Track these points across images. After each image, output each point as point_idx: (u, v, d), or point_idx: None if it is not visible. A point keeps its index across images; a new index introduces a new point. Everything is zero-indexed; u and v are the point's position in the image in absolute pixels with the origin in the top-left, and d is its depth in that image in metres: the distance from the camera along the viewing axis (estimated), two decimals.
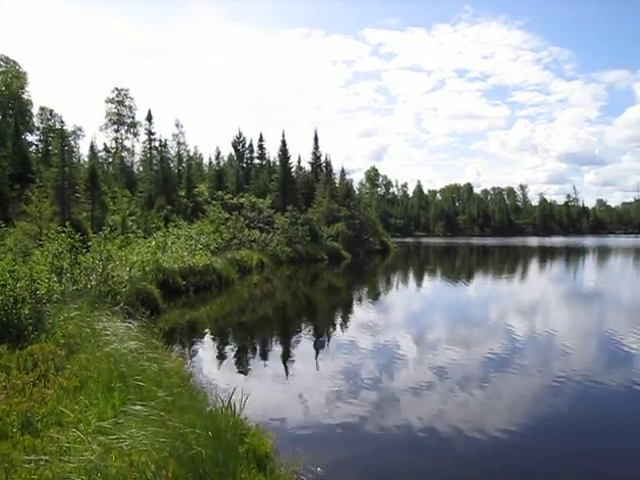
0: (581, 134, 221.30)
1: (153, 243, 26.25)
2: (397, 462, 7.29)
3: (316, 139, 71.71)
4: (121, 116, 77.42)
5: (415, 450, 7.62)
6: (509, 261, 53.56)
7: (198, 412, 6.23)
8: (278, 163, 64.75)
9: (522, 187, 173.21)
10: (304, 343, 15.15)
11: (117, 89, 76.85)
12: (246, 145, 72.82)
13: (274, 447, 6.76)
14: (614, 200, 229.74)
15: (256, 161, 73.00)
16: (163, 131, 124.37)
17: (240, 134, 72.78)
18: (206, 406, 6.84)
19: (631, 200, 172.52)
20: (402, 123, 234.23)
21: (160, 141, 59.58)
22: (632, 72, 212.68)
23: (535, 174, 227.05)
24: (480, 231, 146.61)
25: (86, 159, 62.31)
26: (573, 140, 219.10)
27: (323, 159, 69.99)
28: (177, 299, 21.19)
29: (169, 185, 53.94)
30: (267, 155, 72.56)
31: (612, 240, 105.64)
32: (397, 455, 7.51)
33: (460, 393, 10.07)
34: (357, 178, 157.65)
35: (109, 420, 5.78)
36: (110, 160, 75.88)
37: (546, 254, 62.23)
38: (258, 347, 15.06)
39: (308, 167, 71.65)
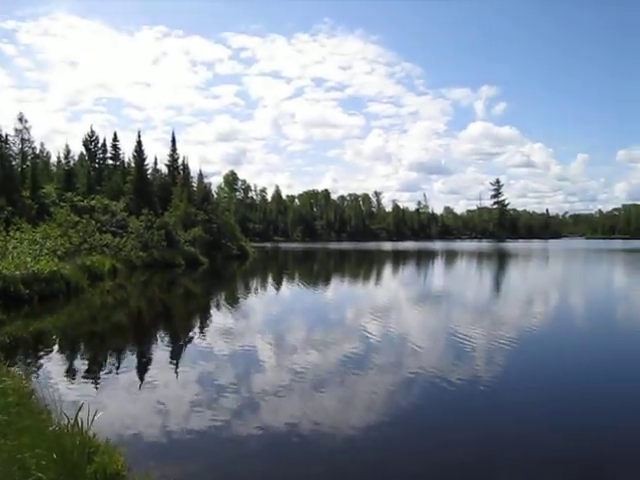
0: (430, 145, 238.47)
1: None
2: (256, 469, 7.24)
3: (173, 141, 70.00)
4: None
5: (275, 455, 7.62)
6: (365, 265, 55.76)
7: (40, 432, 5.76)
8: (133, 164, 62.11)
9: (377, 194, 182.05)
10: (161, 352, 14.66)
11: None
12: (99, 144, 68.73)
13: (126, 464, 6.42)
14: (459, 208, 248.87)
15: (110, 162, 69.03)
16: (4, 126, 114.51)
17: (92, 132, 68.49)
18: (50, 425, 6.33)
19: (474, 208, 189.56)
20: (261, 128, 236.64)
21: (0, 136, 54.81)
22: (473, 91, 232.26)
23: (388, 182, 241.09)
24: (337, 236, 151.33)
25: None
26: (423, 151, 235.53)
27: (180, 161, 68.32)
28: (19, 309, 19.60)
29: (11, 185, 49.54)
30: (122, 156, 68.78)
31: (458, 245, 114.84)
32: (256, 461, 7.45)
33: (319, 394, 10.28)
34: (215, 182, 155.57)
35: None
36: None
37: (399, 258, 65.62)
38: (111, 358, 14.27)
39: (165, 169, 69.64)
